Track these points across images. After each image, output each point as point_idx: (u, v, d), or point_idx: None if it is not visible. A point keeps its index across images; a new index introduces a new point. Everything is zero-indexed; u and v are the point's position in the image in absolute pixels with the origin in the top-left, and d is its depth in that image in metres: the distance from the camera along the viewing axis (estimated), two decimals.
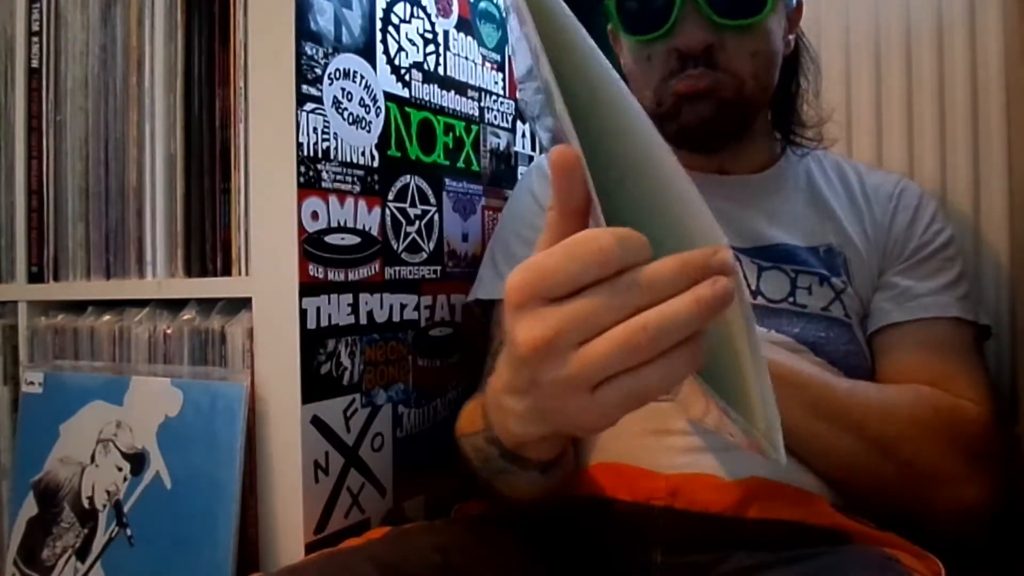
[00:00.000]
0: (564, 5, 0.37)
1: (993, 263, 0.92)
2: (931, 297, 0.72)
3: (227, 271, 0.74)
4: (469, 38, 0.91)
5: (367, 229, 0.76)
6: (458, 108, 0.89)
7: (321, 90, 0.70)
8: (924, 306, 0.72)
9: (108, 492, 0.76)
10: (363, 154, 0.75)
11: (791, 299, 0.71)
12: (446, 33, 0.87)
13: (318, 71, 0.70)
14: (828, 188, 0.78)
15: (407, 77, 0.81)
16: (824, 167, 0.81)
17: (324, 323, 0.70)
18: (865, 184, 0.78)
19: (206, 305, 0.77)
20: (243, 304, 0.73)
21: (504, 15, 0.98)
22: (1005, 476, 0.66)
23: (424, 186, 0.83)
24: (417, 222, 0.82)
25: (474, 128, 0.92)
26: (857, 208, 0.77)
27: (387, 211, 0.78)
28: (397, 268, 0.79)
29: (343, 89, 0.73)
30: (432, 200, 0.84)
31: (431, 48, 0.85)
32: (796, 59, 0.80)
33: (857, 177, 0.79)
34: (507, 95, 0.99)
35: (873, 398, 0.65)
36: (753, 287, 0.71)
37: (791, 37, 0.76)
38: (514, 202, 0.85)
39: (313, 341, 0.69)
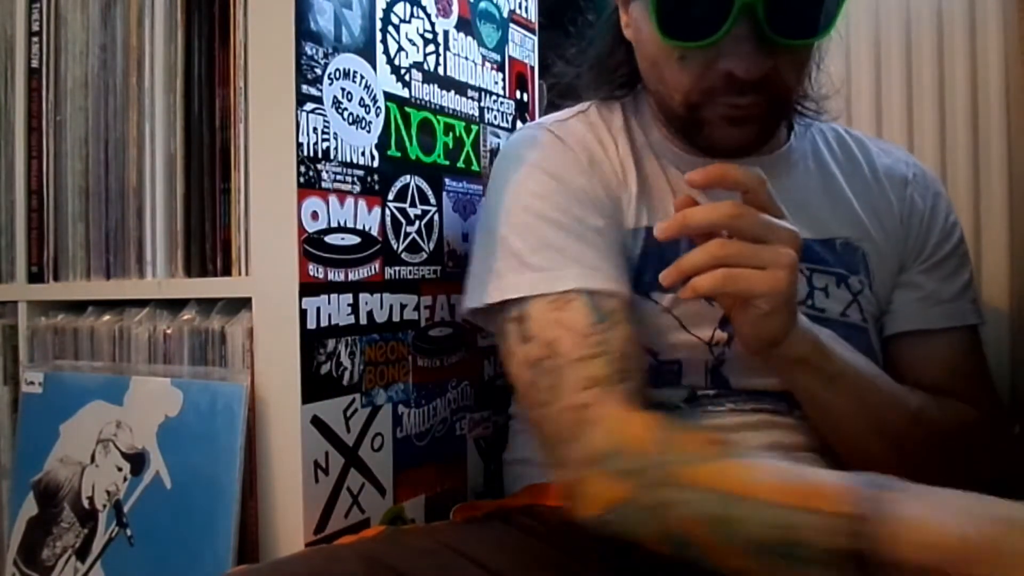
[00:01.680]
0: None
1: (993, 262, 0.93)
2: (955, 303, 0.72)
3: (227, 271, 0.74)
4: (469, 38, 0.91)
5: (367, 229, 0.76)
6: (458, 108, 0.89)
7: (321, 90, 0.70)
8: (950, 313, 0.72)
9: (108, 492, 0.76)
10: (363, 154, 0.75)
11: (809, 302, 0.69)
12: (446, 33, 0.87)
13: (318, 71, 0.70)
14: (837, 168, 0.74)
15: (407, 77, 0.81)
16: (829, 141, 0.76)
17: (324, 323, 0.70)
18: (875, 164, 0.75)
19: (206, 305, 0.77)
20: (243, 304, 0.73)
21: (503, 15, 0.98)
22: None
23: (424, 186, 0.83)
24: (417, 222, 0.82)
25: (474, 128, 0.92)
26: (870, 194, 0.74)
27: (387, 211, 0.78)
28: (397, 268, 0.79)
29: (343, 89, 0.73)
30: (432, 200, 0.84)
31: (431, 48, 0.85)
32: None
33: (864, 155, 0.76)
34: (507, 95, 0.99)
35: (937, 428, 0.66)
36: None
37: None
38: (526, 183, 0.70)
39: (313, 341, 0.69)
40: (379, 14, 0.77)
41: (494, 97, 0.96)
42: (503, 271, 0.66)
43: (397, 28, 0.80)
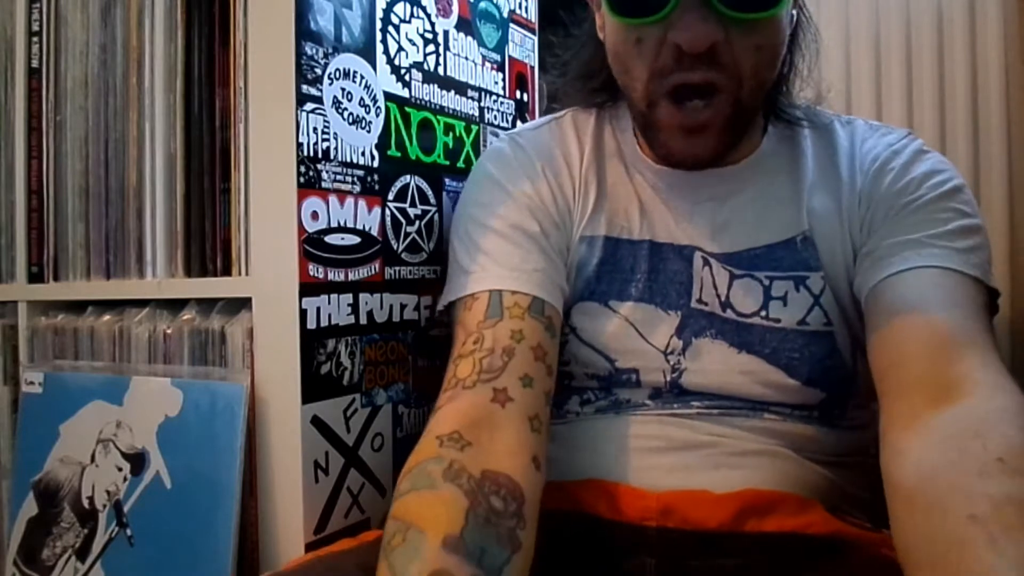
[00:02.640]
0: None
1: (993, 262, 0.92)
2: (915, 249, 0.60)
3: (227, 271, 0.74)
4: (469, 38, 0.91)
5: (367, 229, 0.76)
6: (458, 108, 0.89)
7: (321, 90, 0.70)
8: (905, 258, 0.60)
9: (108, 492, 0.76)
10: (363, 154, 0.75)
11: (763, 312, 0.66)
12: (446, 33, 0.87)
13: (318, 71, 0.70)
14: (813, 163, 0.69)
15: (407, 77, 0.81)
16: (817, 137, 0.71)
17: (324, 323, 0.70)
18: (856, 150, 0.69)
19: (206, 305, 0.77)
20: (243, 304, 0.73)
21: (503, 15, 0.98)
22: None
23: (424, 186, 0.83)
24: (417, 222, 0.82)
25: (474, 128, 0.92)
26: (833, 177, 0.68)
27: (387, 211, 0.78)
28: (397, 268, 0.79)
29: (343, 89, 0.73)
30: (432, 200, 0.84)
31: (431, 48, 0.85)
32: (794, 35, 0.68)
33: (849, 142, 0.69)
34: (507, 95, 0.99)
35: None
36: (723, 298, 0.68)
37: (793, 12, 0.66)
38: (476, 193, 0.74)
39: (313, 341, 0.69)
40: (379, 14, 0.77)
41: (494, 97, 0.96)
42: (449, 278, 0.72)
43: (397, 28, 0.80)
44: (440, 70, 0.86)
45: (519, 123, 1.01)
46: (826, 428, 0.67)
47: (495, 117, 0.96)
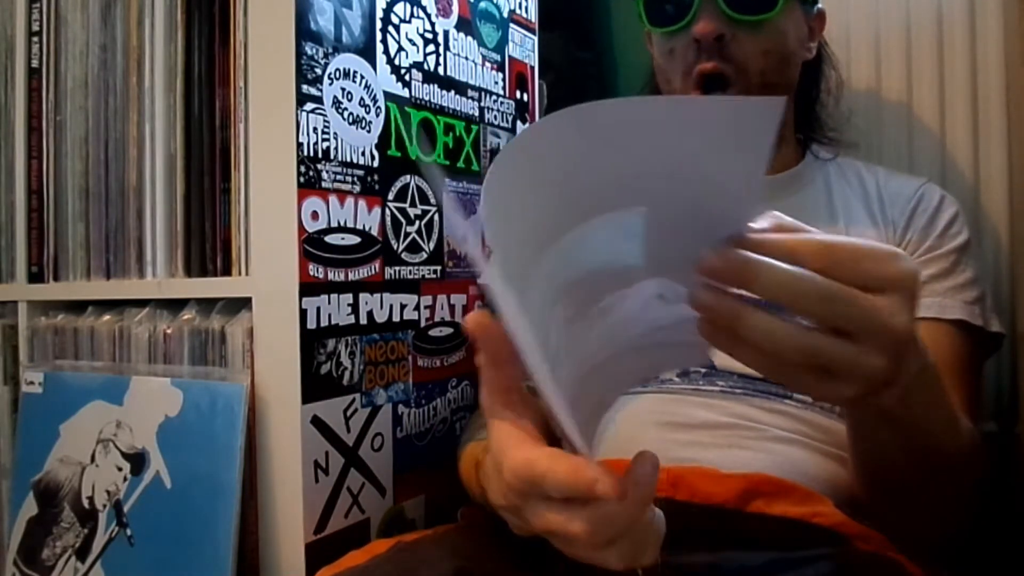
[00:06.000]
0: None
1: (993, 263, 0.92)
2: (936, 297, 0.71)
3: (227, 271, 0.74)
4: (469, 38, 0.91)
5: (367, 229, 0.76)
6: (458, 108, 0.89)
7: (321, 90, 0.70)
8: (926, 306, 0.70)
9: (108, 492, 0.76)
10: (363, 154, 0.75)
11: None
12: (446, 33, 0.87)
13: (318, 71, 0.70)
14: (846, 192, 0.79)
15: (407, 77, 0.81)
16: (844, 173, 0.82)
17: (324, 323, 0.70)
18: (883, 189, 0.79)
19: (206, 305, 0.77)
20: (243, 304, 0.73)
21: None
22: (973, 504, 0.63)
23: (424, 186, 0.83)
24: (417, 222, 0.82)
25: (474, 128, 0.92)
26: (871, 213, 0.77)
27: (387, 211, 0.78)
28: (397, 268, 0.79)
29: (343, 89, 0.73)
30: (432, 200, 0.84)
31: (431, 48, 0.85)
32: (818, 66, 0.85)
33: (876, 183, 0.80)
34: (507, 95, 0.99)
35: (974, 458, 0.58)
36: None
37: (812, 44, 0.81)
38: None
39: (313, 341, 0.69)
40: (379, 14, 0.77)
41: (494, 97, 0.96)
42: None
43: (397, 28, 0.80)
44: (440, 70, 0.86)
45: (519, 123, 1.01)
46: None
47: (495, 117, 0.96)
